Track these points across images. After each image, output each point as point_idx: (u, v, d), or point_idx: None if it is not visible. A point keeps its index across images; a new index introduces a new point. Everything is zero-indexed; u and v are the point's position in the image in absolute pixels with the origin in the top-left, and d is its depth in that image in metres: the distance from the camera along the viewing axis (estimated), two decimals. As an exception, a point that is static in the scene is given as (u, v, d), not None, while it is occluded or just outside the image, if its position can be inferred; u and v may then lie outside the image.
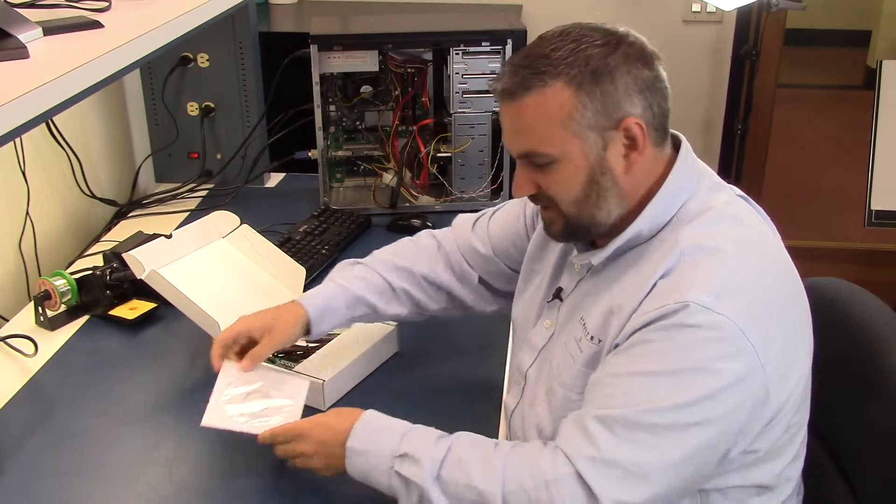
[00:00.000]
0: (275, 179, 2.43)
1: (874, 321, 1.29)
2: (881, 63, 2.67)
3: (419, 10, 3.05)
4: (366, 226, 2.09)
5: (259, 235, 1.72)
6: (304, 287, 1.66)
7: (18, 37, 1.29)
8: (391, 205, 2.14)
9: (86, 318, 1.72)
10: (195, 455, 1.36)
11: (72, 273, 1.72)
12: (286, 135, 2.26)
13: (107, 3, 1.59)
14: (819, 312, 1.34)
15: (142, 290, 1.68)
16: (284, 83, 2.18)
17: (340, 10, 3.13)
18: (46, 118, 1.27)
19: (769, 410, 1.09)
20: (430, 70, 2.15)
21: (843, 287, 1.39)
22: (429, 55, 2.14)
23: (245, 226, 1.73)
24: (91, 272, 1.73)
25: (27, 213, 1.90)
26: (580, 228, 1.18)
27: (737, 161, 3.14)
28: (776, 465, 1.17)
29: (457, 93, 2.08)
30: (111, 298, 1.72)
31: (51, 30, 1.39)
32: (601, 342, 1.15)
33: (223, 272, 1.66)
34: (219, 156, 2.35)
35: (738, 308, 1.05)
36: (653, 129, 1.13)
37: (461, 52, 2.05)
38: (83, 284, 1.72)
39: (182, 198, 2.28)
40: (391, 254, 1.49)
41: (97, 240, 2.09)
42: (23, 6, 1.50)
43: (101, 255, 1.84)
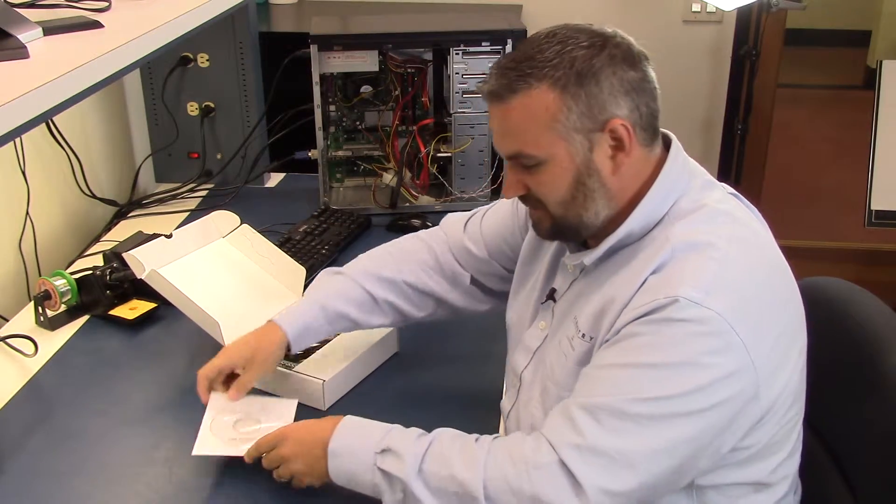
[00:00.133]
0: (275, 179, 2.43)
1: (874, 321, 1.29)
2: (881, 63, 2.67)
3: (419, 10, 3.05)
4: (366, 226, 2.09)
5: (259, 235, 1.72)
6: (304, 287, 1.66)
7: (18, 37, 1.29)
8: (391, 205, 2.14)
9: (86, 318, 1.73)
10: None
11: (72, 273, 1.72)
12: (286, 135, 2.26)
13: (107, 3, 1.59)
14: (819, 312, 1.34)
15: (142, 290, 1.68)
16: (284, 83, 2.18)
17: (340, 10, 3.13)
18: (46, 118, 1.27)
19: (760, 406, 1.09)
20: (430, 70, 2.15)
21: (843, 287, 1.38)
22: (429, 55, 2.14)
23: (245, 226, 1.73)
24: (91, 272, 1.73)
25: (27, 213, 1.90)
26: (568, 229, 1.19)
27: (737, 161, 3.15)
28: (771, 462, 1.17)
29: (457, 93, 2.08)
30: (111, 298, 1.72)
31: (51, 30, 1.39)
32: (593, 339, 1.15)
33: (223, 272, 1.66)
34: (219, 156, 2.35)
35: (728, 303, 1.06)
36: (641, 130, 1.13)
37: (461, 52, 2.05)
38: (83, 284, 1.72)
39: (182, 198, 2.28)
40: (374, 262, 1.48)
41: (97, 240, 2.09)
42: (23, 6, 1.50)
43: (101, 255, 1.84)
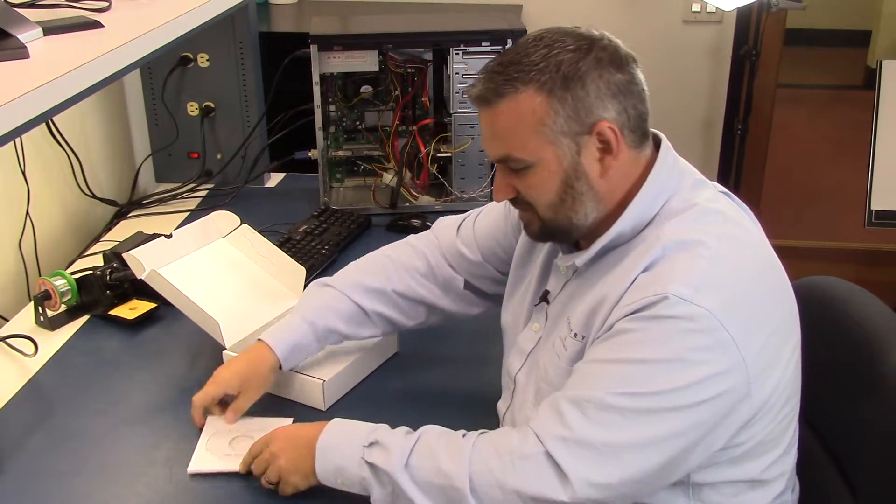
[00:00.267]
0: (275, 179, 2.44)
1: (874, 321, 1.29)
2: (881, 63, 2.67)
3: (419, 10, 3.05)
4: (366, 226, 2.09)
5: (259, 235, 1.72)
6: (304, 286, 1.66)
7: (18, 37, 1.29)
8: (391, 205, 2.14)
9: (86, 318, 1.72)
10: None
11: (72, 273, 1.72)
12: (286, 135, 2.26)
13: (107, 3, 1.59)
14: (819, 312, 1.34)
15: (142, 290, 1.68)
16: (284, 83, 2.18)
17: (340, 10, 3.13)
18: (46, 118, 1.27)
19: (752, 404, 1.09)
20: (430, 70, 2.15)
21: (843, 287, 1.38)
22: (429, 55, 2.14)
23: (245, 226, 1.73)
24: (91, 272, 1.73)
25: (27, 213, 1.90)
26: (558, 231, 1.20)
27: (737, 161, 3.15)
28: (766, 459, 1.17)
29: (457, 93, 2.08)
30: (111, 298, 1.72)
31: (51, 30, 1.39)
32: (585, 339, 1.16)
33: (223, 272, 1.66)
34: (219, 156, 2.35)
35: (718, 301, 1.06)
36: (629, 132, 1.13)
37: (461, 52, 2.05)
38: (83, 284, 1.72)
39: (182, 198, 2.28)
40: (363, 272, 1.48)
41: (97, 240, 2.09)
42: (23, 6, 1.50)
43: (101, 255, 1.84)
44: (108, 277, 1.72)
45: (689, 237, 1.11)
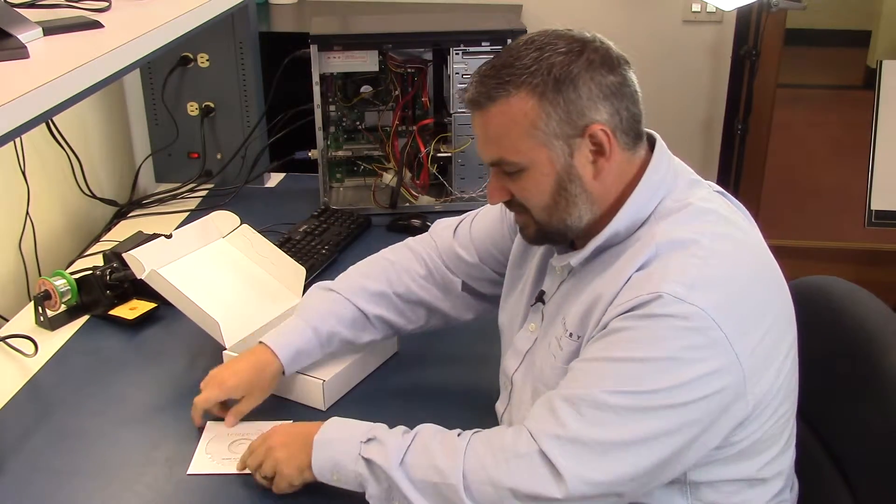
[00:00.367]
0: (275, 179, 2.44)
1: (873, 321, 1.29)
2: (881, 63, 2.66)
3: (419, 10, 3.05)
4: (366, 226, 2.09)
5: (259, 235, 1.72)
6: (305, 286, 1.66)
7: (18, 37, 1.29)
8: (391, 205, 2.14)
9: (86, 318, 1.73)
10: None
11: (72, 273, 1.72)
12: (286, 135, 2.26)
13: (107, 3, 1.59)
14: (818, 311, 1.34)
15: (142, 290, 1.68)
16: (284, 83, 2.18)
17: (340, 10, 3.13)
18: (46, 118, 1.27)
19: (748, 403, 1.09)
20: (430, 70, 2.15)
21: (843, 286, 1.39)
22: (429, 55, 2.14)
23: (245, 226, 1.73)
24: (91, 272, 1.73)
25: (27, 213, 1.90)
26: (553, 233, 1.20)
27: (737, 161, 3.14)
28: (763, 458, 1.17)
29: (457, 93, 2.08)
30: (111, 298, 1.73)
31: (51, 30, 1.39)
32: (580, 338, 1.16)
33: (223, 272, 1.66)
34: (219, 156, 2.35)
35: (713, 299, 1.06)
36: (622, 134, 1.13)
37: (461, 52, 2.05)
38: (83, 284, 1.72)
39: (182, 198, 2.28)
40: (364, 276, 1.48)
41: (97, 240, 2.09)
42: (23, 6, 1.50)
43: (101, 255, 1.84)
44: (108, 277, 1.72)
45: (684, 236, 1.11)
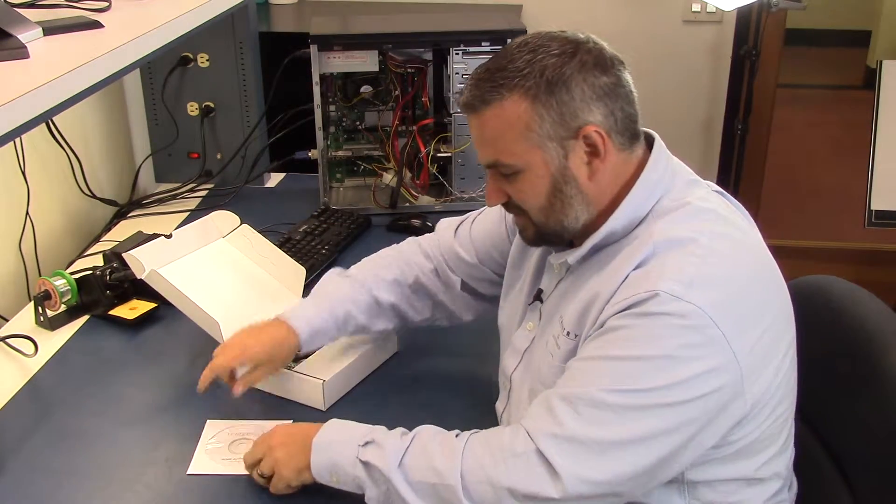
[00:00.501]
0: (275, 179, 2.44)
1: (873, 320, 1.29)
2: (881, 63, 2.66)
3: (419, 10, 3.05)
4: (366, 226, 2.09)
5: (259, 235, 1.72)
6: (305, 286, 1.66)
7: (18, 37, 1.29)
8: (391, 205, 2.14)
9: (86, 318, 1.73)
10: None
11: (72, 273, 1.72)
12: (286, 135, 2.26)
13: (107, 3, 1.59)
14: (818, 311, 1.34)
15: (142, 290, 1.68)
16: (284, 83, 2.18)
17: (340, 10, 3.12)
18: (46, 118, 1.27)
19: (745, 402, 1.09)
20: (430, 70, 2.15)
21: (842, 286, 1.39)
22: (429, 55, 2.14)
23: (245, 226, 1.73)
24: (91, 272, 1.73)
25: (27, 213, 1.90)
26: (551, 234, 1.20)
27: (737, 161, 3.14)
28: (761, 458, 1.17)
29: (457, 93, 2.08)
30: (111, 298, 1.73)
31: (51, 30, 1.39)
32: (577, 337, 1.16)
33: (223, 272, 1.66)
34: (219, 156, 2.35)
35: (710, 298, 1.06)
36: (617, 135, 1.13)
37: (461, 52, 2.05)
38: (83, 284, 1.72)
39: (182, 198, 2.28)
40: (379, 266, 1.50)
41: (97, 240, 2.09)
42: (23, 6, 1.50)
43: (101, 255, 1.84)
44: (108, 277, 1.72)
45: (682, 235, 1.11)
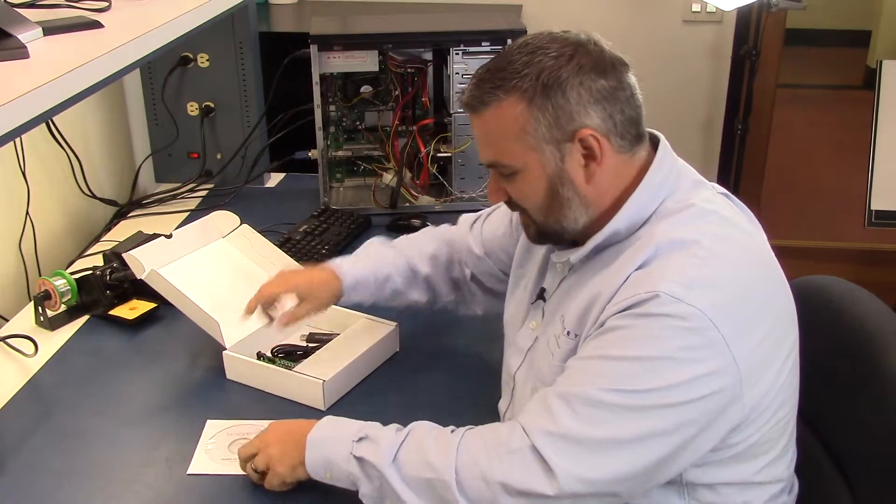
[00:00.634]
0: (275, 179, 2.44)
1: (873, 320, 1.29)
2: (881, 63, 2.66)
3: (419, 10, 3.04)
4: (366, 226, 2.09)
5: (259, 235, 1.72)
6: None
7: (18, 37, 1.29)
8: (391, 205, 2.14)
9: (86, 318, 1.73)
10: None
11: (72, 273, 1.72)
12: (286, 135, 2.26)
13: (107, 3, 1.59)
14: (818, 311, 1.34)
15: (142, 290, 1.68)
16: (284, 83, 2.18)
17: (340, 10, 3.12)
18: (46, 118, 1.27)
19: (744, 405, 1.09)
20: (430, 70, 2.15)
21: (842, 286, 1.38)
22: (429, 55, 2.14)
23: (245, 226, 1.73)
24: (91, 272, 1.73)
25: (27, 213, 1.90)
26: (551, 233, 1.21)
27: (737, 161, 3.14)
28: (760, 462, 1.17)
29: (457, 93, 2.08)
30: (111, 298, 1.73)
31: (51, 30, 1.39)
32: (577, 337, 1.16)
33: (223, 272, 1.66)
34: (219, 156, 2.35)
35: (711, 300, 1.06)
36: (616, 138, 1.13)
37: (461, 52, 2.05)
38: (83, 284, 1.72)
39: (182, 198, 2.28)
40: (419, 241, 1.56)
41: (97, 240, 2.09)
42: (23, 6, 1.50)
43: (101, 255, 1.85)
44: (108, 277, 1.72)
45: (684, 236, 1.11)
